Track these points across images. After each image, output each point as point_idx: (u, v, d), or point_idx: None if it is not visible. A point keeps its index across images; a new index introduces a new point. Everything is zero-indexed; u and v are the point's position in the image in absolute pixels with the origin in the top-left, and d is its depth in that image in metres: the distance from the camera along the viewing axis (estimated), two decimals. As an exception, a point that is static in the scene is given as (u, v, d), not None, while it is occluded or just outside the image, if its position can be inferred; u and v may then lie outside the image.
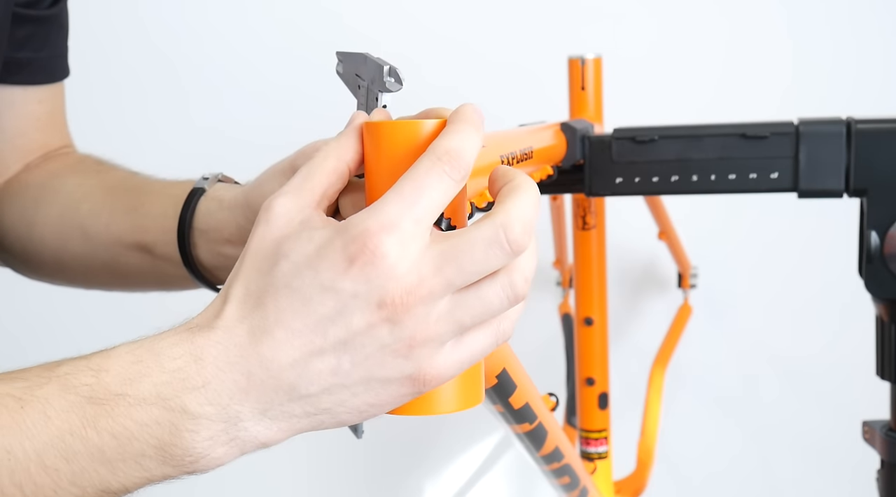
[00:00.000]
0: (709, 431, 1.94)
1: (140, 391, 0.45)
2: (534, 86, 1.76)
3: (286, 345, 0.46)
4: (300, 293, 0.46)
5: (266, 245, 0.48)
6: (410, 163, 0.47)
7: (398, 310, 0.45)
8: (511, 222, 0.45)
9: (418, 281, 0.45)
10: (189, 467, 0.47)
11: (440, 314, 0.46)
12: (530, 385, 0.71)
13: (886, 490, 0.96)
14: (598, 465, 1.27)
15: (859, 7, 1.80)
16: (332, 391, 0.47)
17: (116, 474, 0.46)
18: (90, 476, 0.45)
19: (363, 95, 0.56)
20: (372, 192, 0.50)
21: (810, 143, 0.89)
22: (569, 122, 0.93)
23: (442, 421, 1.93)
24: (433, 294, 0.45)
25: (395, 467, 1.99)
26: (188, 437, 0.46)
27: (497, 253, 0.45)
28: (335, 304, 0.45)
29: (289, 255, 0.46)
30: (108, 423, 0.45)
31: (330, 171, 0.50)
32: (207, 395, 0.46)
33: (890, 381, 0.93)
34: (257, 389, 0.46)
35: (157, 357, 0.46)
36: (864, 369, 1.05)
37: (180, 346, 0.46)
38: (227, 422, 0.46)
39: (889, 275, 0.87)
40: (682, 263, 1.70)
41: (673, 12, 1.84)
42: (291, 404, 0.47)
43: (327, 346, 0.46)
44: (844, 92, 1.78)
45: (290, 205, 0.48)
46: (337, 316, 0.45)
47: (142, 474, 0.46)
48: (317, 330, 0.46)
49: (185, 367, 0.46)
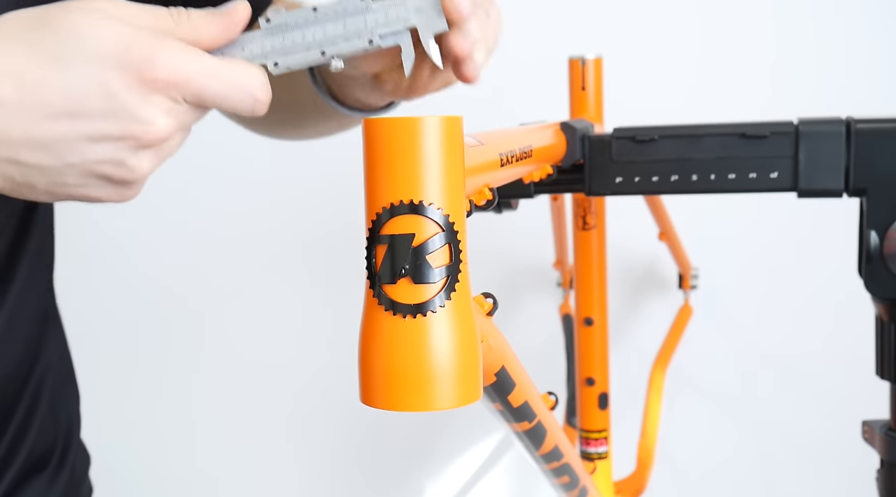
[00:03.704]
0: (709, 432, 1.94)
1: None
2: (534, 86, 1.76)
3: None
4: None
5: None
6: (409, 160, 0.47)
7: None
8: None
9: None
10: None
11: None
12: (529, 383, 0.71)
13: (886, 490, 0.96)
14: (598, 465, 1.27)
15: (860, 7, 1.80)
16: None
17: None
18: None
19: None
20: (371, 189, 0.50)
21: (810, 142, 0.89)
22: (569, 122, 0.93)
23: (442, 421, 1.93)
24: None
25: (395, 467, 1.99)
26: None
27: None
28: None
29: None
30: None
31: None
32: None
33: (890, 381, 0.93)
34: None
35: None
36: (864, 369, 1.05)
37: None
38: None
39: (889, 274, 0.87)
40: (683, 264, 1.70)
41: (673, 12, 1.84)
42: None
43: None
44: (844, 92, 1.78)
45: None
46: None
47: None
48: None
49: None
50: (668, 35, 1.84)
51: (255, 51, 0.54)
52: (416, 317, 0.49)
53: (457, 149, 0.51)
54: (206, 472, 1.94)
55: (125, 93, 0.50)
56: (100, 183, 0.53)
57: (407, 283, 0.49)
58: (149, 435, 1.96)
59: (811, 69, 1.81)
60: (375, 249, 0.50)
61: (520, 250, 1.89)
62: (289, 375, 1.96)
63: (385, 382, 0.50)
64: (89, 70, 0.49)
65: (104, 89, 0.49)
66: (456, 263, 0.50)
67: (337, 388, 1.84)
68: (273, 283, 1.95)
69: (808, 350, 1.87)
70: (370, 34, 0.54)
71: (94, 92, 0.49)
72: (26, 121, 0.49)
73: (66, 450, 0.86)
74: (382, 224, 0.50)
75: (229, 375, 1.97)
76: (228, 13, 0.54)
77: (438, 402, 0.50)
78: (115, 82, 0.49)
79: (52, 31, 0.49)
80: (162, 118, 0.51)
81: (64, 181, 0.52)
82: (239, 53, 0.54)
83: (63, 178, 0.52)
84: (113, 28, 0.50)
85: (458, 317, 0.50)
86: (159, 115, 0.51)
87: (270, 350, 1.96)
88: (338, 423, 1.96)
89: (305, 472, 2.00)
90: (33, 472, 0.82)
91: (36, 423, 0.82)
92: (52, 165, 0.51)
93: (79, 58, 0.49)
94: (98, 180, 0.53)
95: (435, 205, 0.49)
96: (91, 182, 0.53)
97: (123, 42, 0.49)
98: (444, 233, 0.50)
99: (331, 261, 1.88)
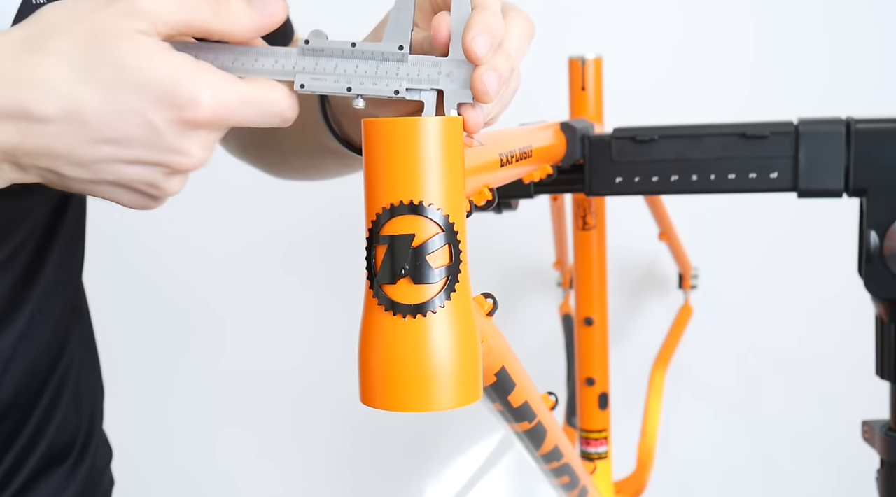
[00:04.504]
0: (709, 432, 1.94)
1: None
2: (534, 86, 1.76)
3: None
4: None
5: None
6: (409, 160, 0.47)
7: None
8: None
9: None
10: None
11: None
12: (529, 383, 0.71)
13: (886, 490, 0.96)
14: (598, 465, 1.27)
15: (861, 7, 1.80)
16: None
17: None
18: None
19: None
20: (371, 189, 0.50)
21: (810, 142, 0.89)
22: (569, 122, 0.93)
23: (443, 421, 1.93)
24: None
25: (395, 468, 2.00)
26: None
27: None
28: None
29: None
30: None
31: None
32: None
33: (890, 381, 0.93)
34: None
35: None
36: (864, 369, 1.05)
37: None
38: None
39: (889, 274, 0.87)
40: (683, 264, 1.70)
41: (673, 12, 1.84)
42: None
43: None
44: (844, 91, 1.78)
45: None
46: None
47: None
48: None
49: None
50: (669, 35, 1.84)
51: (287, 67, 0.56)
52: (415, 317, 0.49)
53: (457, 149, 0.51)
54: (212, 471, 1.95)
55: (166, 128, 0.52)
56: (131, 194, 0.56)
57: (407, 283, 0.49)
58: (161, 433, 1.96)
59: (812, 69, 1.81)
60: (375, 250, 0.50)
61: (520, 250, 1.89)
62: (290, 376, 1.97)
63: (385, 383, 0.50)
64: (133, 102, 0.51)
65: (146, 122, 0.51)
66: (456, 264, 0.50)
67: (337, 388, 1.84)
68: (281, 285, 1.95)
69: (808, 350, 1.87)
70: (398, 85, 0.55)
71: (135, 123, 0.51)
72: (68, 141, 0.51)
73: (87, 443, 0.88)
74: (382, 224, 0.49)
75: (230, 375, 1.97)
76: (268, 13, 0.55)
77: (438, 403, 0.50)
78: (158, 118, 0.51)
79: (102, 56, 0.50)
80: (199, 151, 0.53)
81: (98, 189, 0.55)
82: (271, 65, 0.56)
83: (98, 187, 0.55)
84: (158, 62, 0.51)
85: (459, 317, 0.50)
86: (197, 149, 0.53)
87: (277, 351, 1.97)
88: (338, 423, 1.96)
89: (306, 472, 2.00)
90: (53, 464, 0.83)
91: (58, 415, 0.83)
92: (89, 179, 0.53)
93: (124, 89, 0.50)
94: (130, 192, 0.55)
95: (435, 205, 0.49)
96: (123, 192, 0.55)
97: (168, 78, 0.51)
98: (444, 233, 0.50)
99: (344, 262, 1.88)
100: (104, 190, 0.55)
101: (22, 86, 0.50)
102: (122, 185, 0.54)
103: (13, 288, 0.76)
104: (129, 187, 0.55)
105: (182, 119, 0.51)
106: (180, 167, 0.54)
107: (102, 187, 0.54)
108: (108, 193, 0.55)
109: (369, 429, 1.96)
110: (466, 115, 0.55)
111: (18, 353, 0.78)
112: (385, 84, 0.55)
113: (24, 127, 0.50)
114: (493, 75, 0.54)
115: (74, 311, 0.86)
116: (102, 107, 0.50)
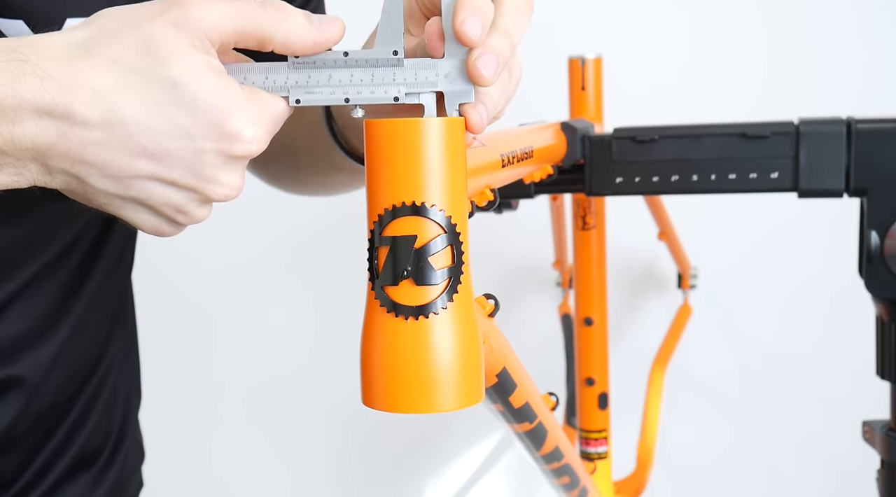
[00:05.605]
0: (708, 431, 1.94)
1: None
2: (534, 86, 1.76)
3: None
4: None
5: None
6: (411, 161, 0.47)
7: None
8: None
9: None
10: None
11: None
12: (530, 384, 0.71)
13: (886, 490, 0.96)
14: (597, 465, 1.27)
15: (862, 7, 1.80)
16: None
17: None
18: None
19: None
20: (373, 191, 0.50)
21: (810, 142, 0.89)
22: (569, 122, 0.93)
23: (443, 421, 1.93)
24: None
25: (395, 467, 1.99)
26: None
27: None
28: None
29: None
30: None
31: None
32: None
33: (890, 381, 0.93)
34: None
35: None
36: (864, 369, 1.05)
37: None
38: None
39: (889, 275, 0.87)
40: (682, 264, 1.70)
41: (673, 12, 1.84)
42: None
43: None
44: (845, 91, 1.78)
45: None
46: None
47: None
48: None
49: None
50: (669, 35, 1.84)
51: (279, 82, 0.54)
52: (418, 319, 0.49)
53: (459, 150, 0.51)
54: (213, 472, 1.94)
55: (211, 156, 0.51)
56: (154, 217, 0.54)
57: (409, 284, 0.49)
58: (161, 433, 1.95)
59: (813, 69, 1.81)
60: (377, 251, 0.50)
61: (519, 250, 1.89)
62: (291, 377, 1.96)
63: (387, 384, 0.50)
64: (185, 122, 0.50)
65: (195, 147, 0.50)
66: (458, 265, 0.50)
67: (339, 389, 1.84)
68: (283, 287, 1.95)
69: (808, 350, 1.87)
70: (397, 90, 0.54)
71: (182, 145, 0.50)
72: (107, 150, 0.50)
73: (116, 447, 0.87)
74: (384, 226, 0.49)
75: (231, 376, 1.97)
76: (325, 30, 0.54)
77: (441, 404, 0.50)
78: (207, 145, 0.50)
79: (154, 69, 0.49)
80: (237, 181, 0.53)
81: (122, 206, 0.53)
82: (262, 82, 0.54)
83: (122, 204, 0.53)
84: (212, 88, 0.50)
85: (461, 318, 0.50)
86: (235, 180, 0.53)
87: (278, 352, 1.96)
88: (338, 423, 1.96)
89: (306, 472, 2.00)
90: (81, 468, 0.83)
91: (92, 419, 0.83)
92: (116, 193, 0.52)
93: (175, 107, 0.49)
94: (153, 215, 0.54)
95: (437, 206, 0.49)
96: (146, 213, 0.54)
97: (221, 108, 0.50)
98: (446, 234, 0.50)
99: (346, 264, 1.88)
100: (127, 208, 0.53)
101: (69, 87, 0.48)
102: (148, 206, 0.53)
103: (59, 296, 0.76)
104: (154, 210, 0.53)
105: (227, 151, 0.51)
106: (214, 196, 0.53)
107: (127, 205, 0.53)
108: (129, 213, 0.53)
109: (370, 430, 1.96)
110: (468, 115, 0.55)
111: (60, 361, 0.77)
112: (383, 91, 0.54)
113: (65, 128, 0.49)
114: (489, 57, 0.53)
115: (118, 315, 0.86)
116: (150, 121, 0.49)
